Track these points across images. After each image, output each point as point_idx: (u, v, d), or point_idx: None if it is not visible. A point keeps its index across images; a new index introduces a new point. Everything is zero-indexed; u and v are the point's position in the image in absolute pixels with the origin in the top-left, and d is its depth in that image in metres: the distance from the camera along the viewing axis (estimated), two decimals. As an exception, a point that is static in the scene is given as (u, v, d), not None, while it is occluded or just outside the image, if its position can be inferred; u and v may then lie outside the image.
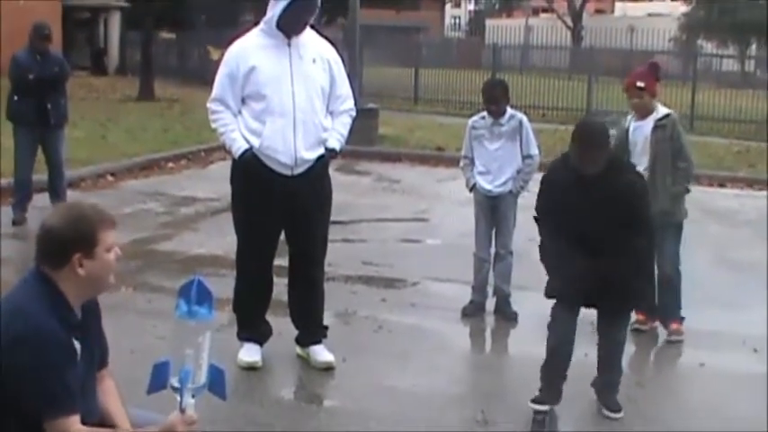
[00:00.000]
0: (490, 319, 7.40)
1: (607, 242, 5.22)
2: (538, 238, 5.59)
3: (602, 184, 5.24)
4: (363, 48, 21.07)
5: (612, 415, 5.55)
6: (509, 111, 7.30)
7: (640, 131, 6.99)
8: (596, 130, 5.35)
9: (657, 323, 7.20)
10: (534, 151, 7.31)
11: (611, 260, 5.21)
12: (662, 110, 7.03)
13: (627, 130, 7.05)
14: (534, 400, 5.42)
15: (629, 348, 7.05)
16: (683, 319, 7.13)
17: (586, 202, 5.21)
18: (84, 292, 3.28)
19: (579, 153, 5.26)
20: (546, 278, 5.56)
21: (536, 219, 5.55)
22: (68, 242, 3.20)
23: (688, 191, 7.07)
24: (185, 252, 9.16)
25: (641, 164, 6.89)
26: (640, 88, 6.93)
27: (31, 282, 3.26)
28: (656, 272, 6.78)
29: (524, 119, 7.33)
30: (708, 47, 42.72)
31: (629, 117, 7.19)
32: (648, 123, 6.95)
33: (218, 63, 6.03)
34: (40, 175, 10.42)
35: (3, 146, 11.49)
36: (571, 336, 5.46)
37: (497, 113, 7.22)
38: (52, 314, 3.15)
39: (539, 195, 5.54)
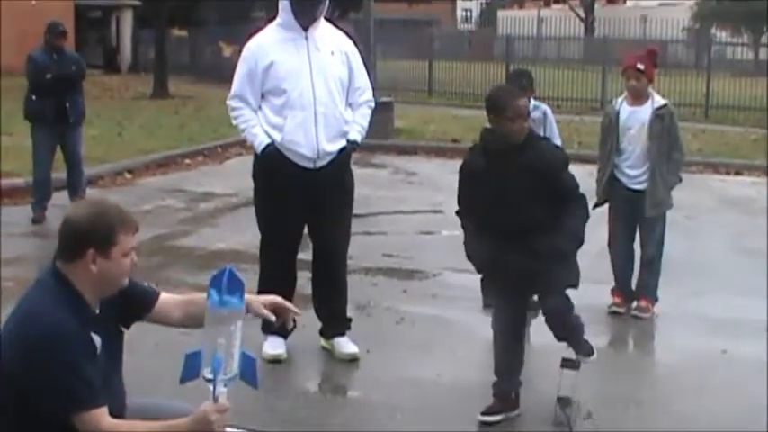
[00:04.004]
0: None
1: (533, 220, 5.03)
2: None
3: (519, 158, 5.04)
4: (377, 41, 21.04)
5: (588, 359, 5.44)
6: (533, 101, 7.29)
7: (635, 117, 7.03)
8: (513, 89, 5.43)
9: (634, 305, 7.31)
10: (558, 143, 7.30)
11: (539, 239, 5.00)
12: (658, 99, 7.07)
13: (617, 114, 7.07)
14: (485, 412, 5.29)
15: (652, 335, 7.09)
16: (656, 300, 7.27)
17: (506, 181, 5.02)
18: (97, 289, 3.27)
19: (512, 115, 5.03)
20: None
21: (458, 213, 5.39)
22: (84, 235, 3.19)
23: (680, 180, 7.15)
24: (205, 248, 9.21)
25: (634, 148, 6.97)
26: (640, 71, 6.95)
27: (45, 280, 3.26)
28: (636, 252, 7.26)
29: (549, 110, 7.30)
30: (721, 36, 42.47)
31: (618, 100, 7.23)
32: (645, 110, 7.00)
33: (230, 59, 6.06)
34: (59, 173, 10.47)
35: (21, 145, 11.55)
36: (521, 335, 5.41)
37: None
38: (68, 311, 3.16)
39: (459, 187, 5.39)
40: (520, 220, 5.05)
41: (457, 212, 5.45)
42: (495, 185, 5.06)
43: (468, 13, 66.54)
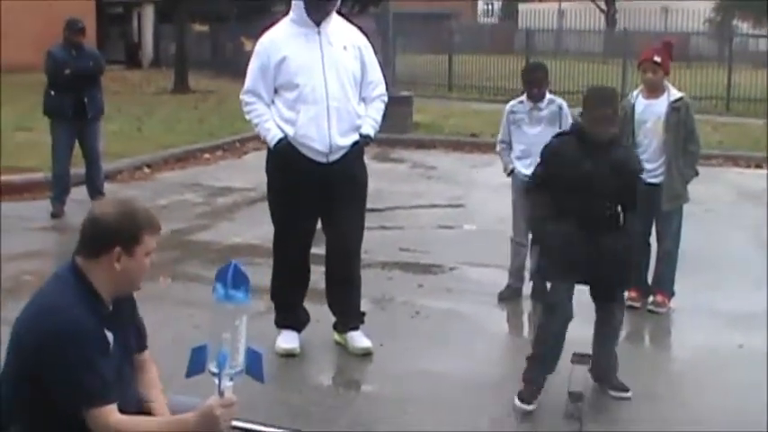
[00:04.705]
0: (527, 304, 7.38)
1: (606, 216, 5.29)
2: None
3: (607, 153, 5.29)
4: (396, 36, 21.05)
5: (623, 395, 5.54)
6: (548, 95, 7.28)
7: (651, 110, 7.00)
8: (609, 94, 5.53)
9: (650, 299, 7.28)
10: None
11: (609, 234, 5.27)
12: (674, 92, 7.04)
13: (633, 107, 7.05)
14: (522, 398, 5.35)
15: (668, 330, 7.07)
16: (672, 294, 7.26)
17: (592, 172, 5.21)
18: (115, 287, 3.30)
19: (596, 117, 5.29)
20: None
21: (528, 189, 5.57)
22: (112, 233, 3.23)
23: (697, 173, 7.13)
24: (222, 242, 9.23)
25: (650, 142, 6.95)
26: (656, 63, 6.92)
27: (63, 275, 3.29)
28: (653, 246, 7.24)
29: (564, 104, 7.28)
30: (743, 27, 42.21)
31: (634, 93, 7.20)
32: (661, 103, 6.97)
33: (251, 54, 6.07)
34: (77, 168, 10.53)
35: (40, 140, 11.62)
36: (569, 321, 5.40)
37: (538, 97, 7.20)
38: (84, 306, 3.19)
39: (541, 165, 5.55)
40: (596, 210, 5.26)
41: (531, 185, 5.66)
42: (586, 171, 5.23)
43: (490, 7, 66.29)
